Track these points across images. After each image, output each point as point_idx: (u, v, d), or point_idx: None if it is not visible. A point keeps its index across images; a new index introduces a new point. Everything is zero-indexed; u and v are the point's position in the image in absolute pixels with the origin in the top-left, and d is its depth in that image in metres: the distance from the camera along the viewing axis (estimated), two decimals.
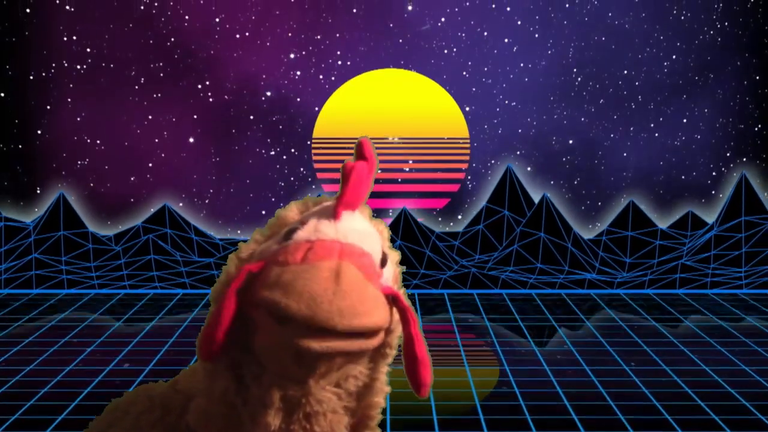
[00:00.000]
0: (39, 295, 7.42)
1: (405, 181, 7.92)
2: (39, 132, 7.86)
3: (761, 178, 7.83)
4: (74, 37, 7.76)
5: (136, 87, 7.81)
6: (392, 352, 1.45)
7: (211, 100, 7.80)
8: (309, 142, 7.88)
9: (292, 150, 7.89)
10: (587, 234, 7.82)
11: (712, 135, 7.82)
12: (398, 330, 1.41)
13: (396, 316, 1.40)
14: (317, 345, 1.27)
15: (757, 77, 7.84)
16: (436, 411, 4.75)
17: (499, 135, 7.86)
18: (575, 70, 7.83)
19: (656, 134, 7.92)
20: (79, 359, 5.65)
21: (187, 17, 7.72)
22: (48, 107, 7.82)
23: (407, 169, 7.86)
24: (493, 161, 7.93)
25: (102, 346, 5.95)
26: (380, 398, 1.50)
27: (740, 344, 6.03)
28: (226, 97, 7.81)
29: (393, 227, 7.53)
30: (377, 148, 1.41)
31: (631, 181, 7.88)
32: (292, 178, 7.94)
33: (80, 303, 7.16)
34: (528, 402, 4.89)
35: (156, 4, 7.71)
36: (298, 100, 7.82)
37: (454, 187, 7.99)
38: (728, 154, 7.83)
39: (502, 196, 7.70)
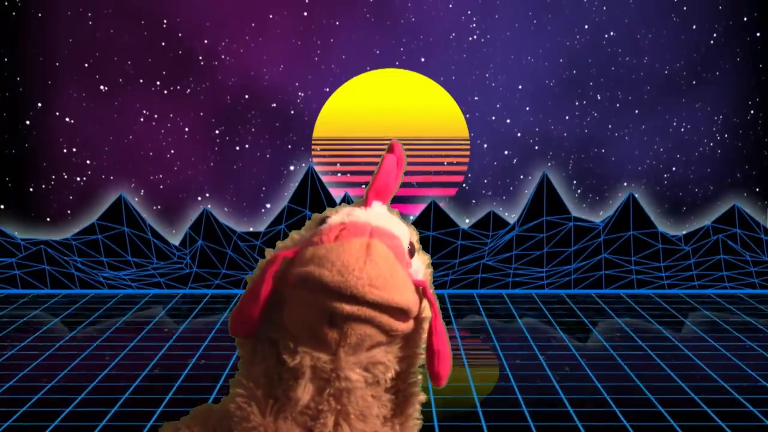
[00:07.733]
0: None
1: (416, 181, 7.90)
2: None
3: (560, 177, 7.95)
4: (74, 149, 7.72)
5: (136, 198, 7.85)
6: (422, 346, 1.49)
7: (210, 100, 7.76)
8: (309, 143, 7.83)
9: (292, 150, 7.84)
10: None
11: (521, 133, 7.92)
12: (427, 324, 1.46)
13: (427, 310, 1.46)
14: (348, 306, 1.33)
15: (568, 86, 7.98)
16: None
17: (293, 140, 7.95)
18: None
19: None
20: None
21: (187, 18, 7.66)
22: (48, 219, 7.77)
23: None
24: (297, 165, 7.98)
25: None
26: (417, 402, 1.52)
27: (520, 340, 6.14)
28: (225, 97, 7.76)
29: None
30: (378, 149, 1.51)
31: (433, 180, 7.93)
32: (292, 178, 7.86)
33: None
34: None
35: (156, 113, 7.73)
36: (298, 100, 7.83)
37: (454, 186, 7.99)
38: (525, 156, 7.94)
39: (303, 196, 7.69)
